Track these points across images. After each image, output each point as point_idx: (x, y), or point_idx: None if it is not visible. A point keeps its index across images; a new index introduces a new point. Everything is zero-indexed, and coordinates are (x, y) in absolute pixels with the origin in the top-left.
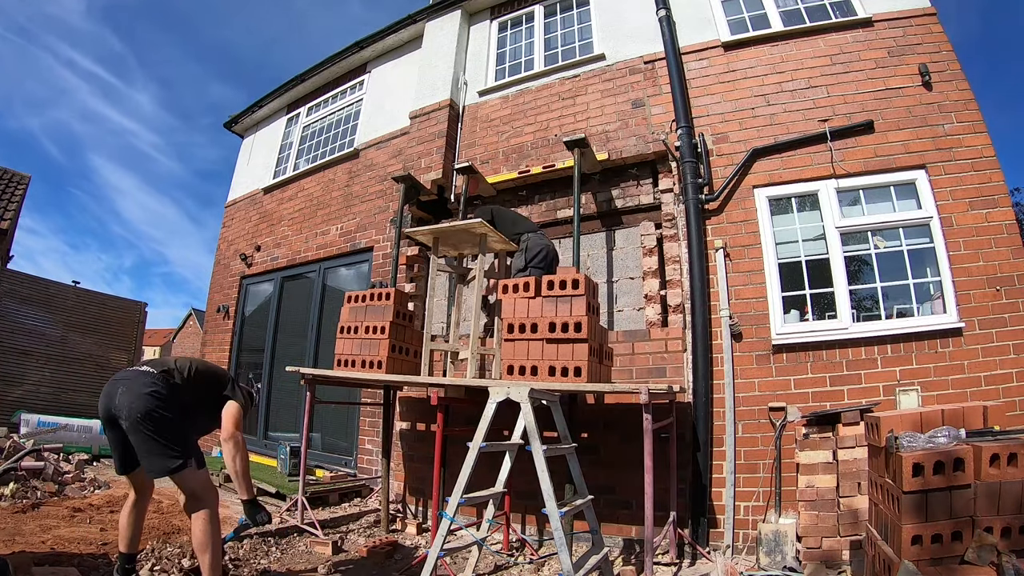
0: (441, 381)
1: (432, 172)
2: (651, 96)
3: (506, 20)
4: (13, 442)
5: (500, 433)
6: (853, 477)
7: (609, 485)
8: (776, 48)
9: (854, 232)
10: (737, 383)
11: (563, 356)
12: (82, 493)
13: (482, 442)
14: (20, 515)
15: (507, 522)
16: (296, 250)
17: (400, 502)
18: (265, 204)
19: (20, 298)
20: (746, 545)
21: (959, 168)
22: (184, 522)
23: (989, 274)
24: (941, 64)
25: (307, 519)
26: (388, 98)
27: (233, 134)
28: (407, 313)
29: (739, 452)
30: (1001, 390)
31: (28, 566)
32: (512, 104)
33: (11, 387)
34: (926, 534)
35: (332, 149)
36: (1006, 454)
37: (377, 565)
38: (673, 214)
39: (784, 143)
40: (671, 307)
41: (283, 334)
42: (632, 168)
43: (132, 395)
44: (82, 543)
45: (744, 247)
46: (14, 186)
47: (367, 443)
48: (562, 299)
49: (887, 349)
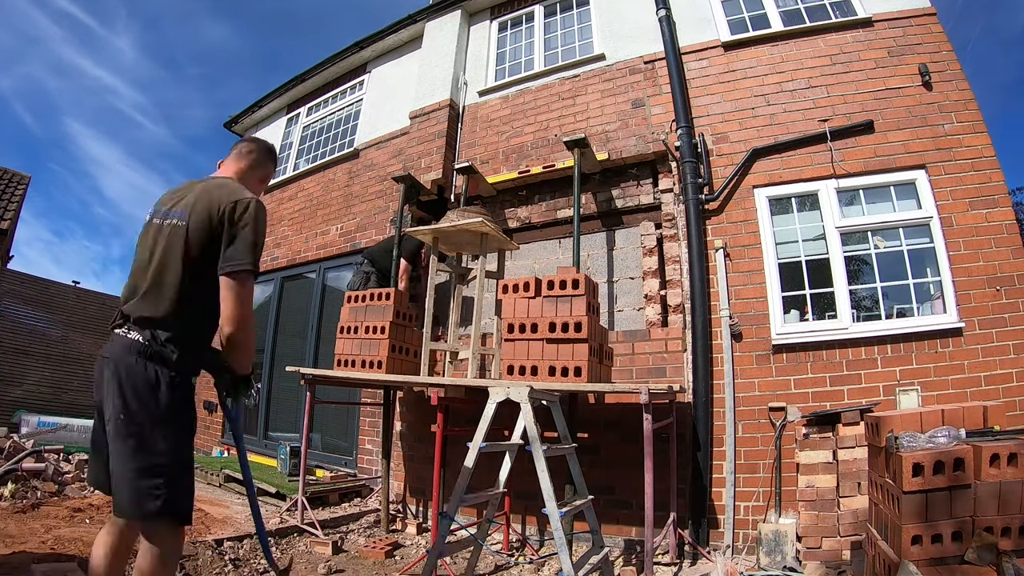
0: (441, 381)
1: (432, 172)
2: (651, 96)
3: (506, 20)
4: (13, 442)
5: (500, 433)
6: (853, 477)
7: (609, 485)
8: (776, 48)
9: (854, 232)
10: (737, 383)
11: (563, 356)
12: (82, 493)
13: (482, 442)
14: (20, 515)
15: (507, 522)
16: (296, 250)
17: (400, 502)
18: (265, 204)
19: (20, 298)
20: (746, 545)
21: (959, 168)
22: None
23: (989, 274)
24: (941, 64)
25: (307, 519)
26: (388, 98)
27: (233, 134)
28: (407, 313)
29: (739, 452)
30: (1001, 390)
31: (28, 566)
32: (512, 104)
33: (11, 387)
34: (926, 534)
35: (332, 149)
36: (1006, 454)
37: (377, 565)
38: (673, 214)
39: (784, 143)
40: (671, 307)
41: (283, 334)
42: (632, 168)
43: (115, 384)
44: (82, 543)
45: (744, 247)
46: (14, 186)
47: (367, 443)
48: (562, 299)
49: (887, 349)
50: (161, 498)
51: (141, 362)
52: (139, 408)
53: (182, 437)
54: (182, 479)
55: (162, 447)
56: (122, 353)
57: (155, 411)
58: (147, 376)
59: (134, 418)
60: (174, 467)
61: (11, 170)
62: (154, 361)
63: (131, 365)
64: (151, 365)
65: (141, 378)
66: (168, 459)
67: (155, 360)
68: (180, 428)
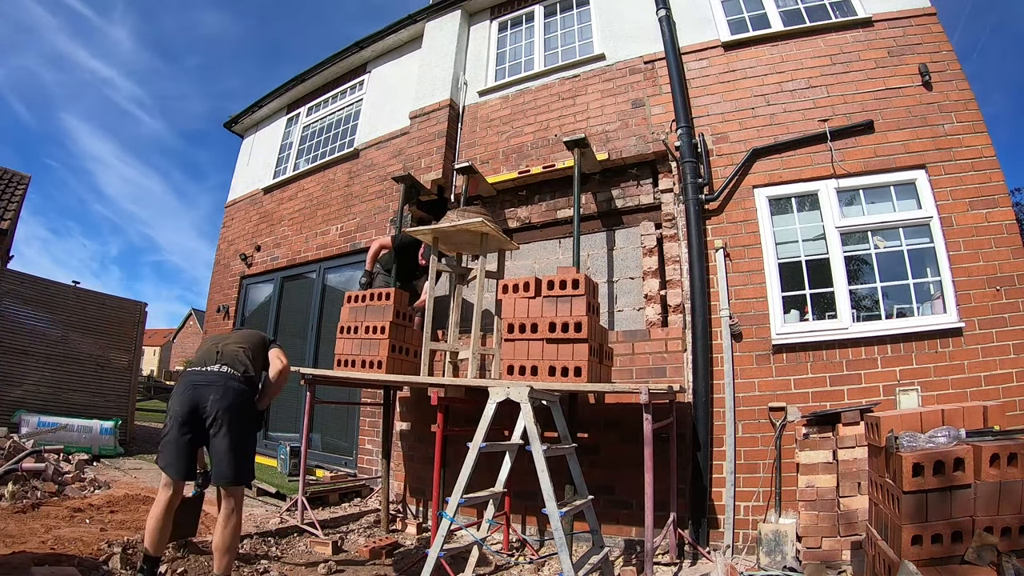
0: (441, 381)
1: (432, 172)
2: (651, 96)
3: (506, 20)
4: (13, 442)
5: (500, 433)
6: (853, 477)
7: (609, 485)
8: (776, 48)
9: (854, 232)
10: (737, 383)
11: (563, 356)
12: (82, 493)
13: (482, 442)
14: (20, 515)
15: (507, 522)
16: (296, 250)
17: (400, 502)
18: (265, 204)
19: (20, 298)
20: (746, 545)
21: (959, 168)
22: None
23: (989, 274)
24: (941, 64)
25: (307, 519)
26: (388, 98)
27: (234, 134)
28: (407, 313)
29: (739, 452)
30: (1001, 390)
31: (28, 566)
32: (512, 104)
33: (11, 387)
34: (926, 534)
35: (332, 149)
36: (1006, 454)
37: (377, 565)
38: (673, 214)
39: (784, 143)
40: (671, 307)
41: (283, 334)
42: (632, 168)
43: (228, 399)
44: (82, 543)
45: (744, 247)
46: (14, 186)
47: (367, 443)
48: (562, 299)
49: (887, 349)
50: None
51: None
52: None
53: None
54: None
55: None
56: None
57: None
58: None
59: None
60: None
61: (11, 170)
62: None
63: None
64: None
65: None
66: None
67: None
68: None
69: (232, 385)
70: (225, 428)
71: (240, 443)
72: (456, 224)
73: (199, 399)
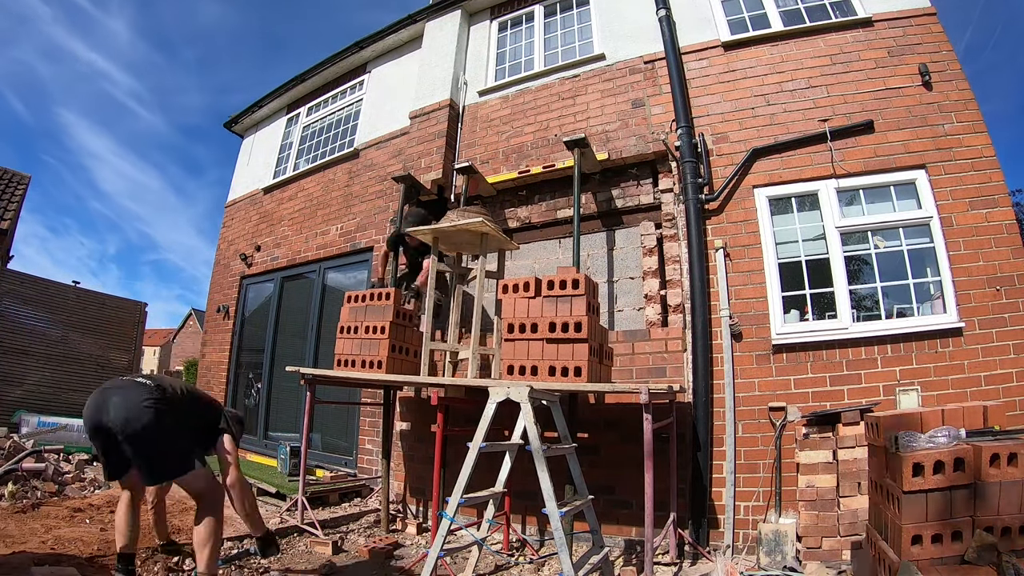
0: (441, 381)
1: (432, 172)
2: (651, 96)
3: (506, 20)
4: (13, 442)
5: (500, 433)
6: (853, 477)
7: (609, 485)
8: (776, 48)
9: (854, 232)
10: (737, 383)
11: (563, 356)
12: (82, 493)
13: (482, 442)
14: (20, 515)
15: (507, 522)
16: (296, 250)
17: (400, 502)
18: (265, 204)
19: (20, 298)
20: (746, 545)
21: (959, 168)
22: (184, 522)
23: (989, 274)
24: (941, 64)
25: (307, 519)
26: (388, 98)
27: (234, 134)
28: (407, 313)
29: (739, 452)
30: (1001, 390)
31: (28, 566)
32: (512, 104)
33: (11, 387)
34: (926, 534)
35: (332, 149)
36: (1006, 454)
37: (377, 565)
38: (673, 214)
39: (784, 143)
40: (671, 307)
41: (283, 334)
42: (632, 168)
43: (129, 407)
44: (82, 543)
45: (744, 247)
46: (14, 186)
47: (367, 443)
48: (562, 299)
49: (887, 349)
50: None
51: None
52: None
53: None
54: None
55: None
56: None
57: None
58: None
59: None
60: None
61: (11, 170)
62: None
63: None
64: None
65: None
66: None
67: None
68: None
69: (137, 393)
70: (127, 438)
71: (154, 450)
72: (456, 224)
73: (99, 406)
